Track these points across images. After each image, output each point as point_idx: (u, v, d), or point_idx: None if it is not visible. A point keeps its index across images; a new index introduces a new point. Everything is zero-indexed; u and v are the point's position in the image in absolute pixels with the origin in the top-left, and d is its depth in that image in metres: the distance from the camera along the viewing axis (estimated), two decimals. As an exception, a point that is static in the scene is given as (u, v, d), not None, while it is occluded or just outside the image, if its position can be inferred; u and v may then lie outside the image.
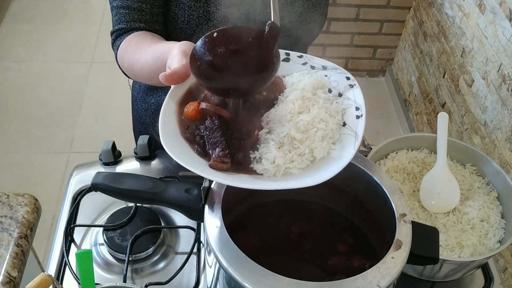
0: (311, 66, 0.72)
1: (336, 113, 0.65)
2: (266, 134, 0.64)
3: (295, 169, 0.61)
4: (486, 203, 0.89)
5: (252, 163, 0.62)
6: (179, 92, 0.68)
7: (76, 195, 0.96)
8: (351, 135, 0.63)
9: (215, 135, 0.62)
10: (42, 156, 2.33)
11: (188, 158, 0.61)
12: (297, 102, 0.65)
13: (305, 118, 0.63)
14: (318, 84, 0.68)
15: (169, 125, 0.64)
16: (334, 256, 0.74)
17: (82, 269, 0.66)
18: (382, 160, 0.95)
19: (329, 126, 0.63)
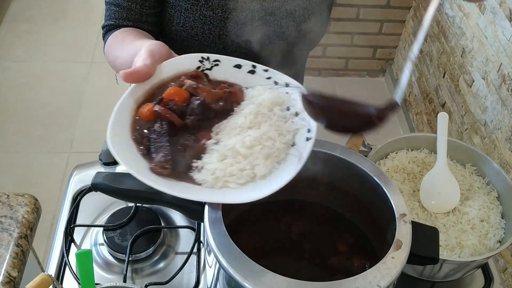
0: (275, 81, 0.72)
1: (287, 132, 0.65)
2: (213, 144, 0.63)
3: (233, 183, 0.60)
4: (486, 203, 0.89)
5: (193, 172, 0.62)
6: (140, 91, 0.67)
7: (76, 195, 0.96)
8: (296, 157, 0.63)
9: (161, 140, 0.62)
10: (42, 156, 2.33)
11: (130, 159, 0.61)
12: (249, 116, 0.65)
13: (253, 133, 0.63)
14: (277, 101, 0.68)
15: (121, 121, 0.64)
16: (334, 256, 0.74)
17: (82, 269, 0.66)
18: (382, 160, 0.95)
19: (276, 144, 0.63)
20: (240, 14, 0.89)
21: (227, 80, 0.72)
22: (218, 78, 0.72)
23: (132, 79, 0.66)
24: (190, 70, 0.71)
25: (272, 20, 0.91)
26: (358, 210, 0.76)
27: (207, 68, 0.72)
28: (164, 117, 0.64)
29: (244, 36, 0.92)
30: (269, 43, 0.94)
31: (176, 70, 0.70)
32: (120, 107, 0.65)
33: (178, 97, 0.66)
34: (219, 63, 0.73)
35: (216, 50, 0.92)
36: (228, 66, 0.73)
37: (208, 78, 0.72)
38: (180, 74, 0.70)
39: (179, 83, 0.68)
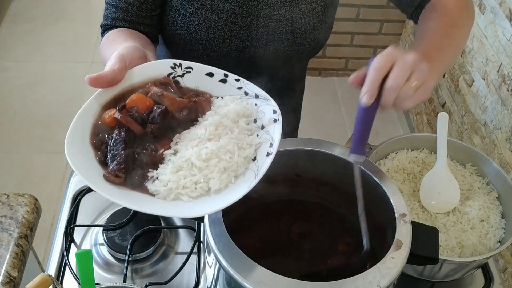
0: (245, 92, 0.70)
1: (248, 146, 0.63)
2: (170, 155, 0.62)
3: (186, 196, 0.59)
4: (486, 203, 0.89)
5: (148, 181, 0.61)
6: (107, 96, 0.66)
7: (76, 195, 0.96)
8: (254, 172, 0.61)
9: (117, 148, 0.61)
10: (42, 156, 2.33)
11: (85, 165, 0.60)
12: (210, 128, 0.63)
13: (210, 146, 0.61)
14: (244, 112, 0.66)
15: (82, 126, 0.63)
16: (334, 256, 0.74)
17: (82, 269, 0.66)
18: (382, 160, 0.95)
19: (234, 158, 0.61)
20: (246, 19, 0.89)
21: (198, 88, 0.71)
22: (189, 85, 0.71)
23: (97, 84, 0.65)
24: (161, 75, 0.70)
25: (276, 26, 0.91)
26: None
27: (178, 75, 0.71)
28: (124, 124, 0.63)
29: (249, 41, 0.92)
30: (273, 48, 0.94)
31: (148, 75, 0.69)
32: (83, 111, 0.64)
33: (141, 104, 0.65)
34: (191, 70, 0.71)
35: (220, 54, 0.92)
36: (200, 74, 0.71)
37: (179, 86, 0.71)
38: (150, 80, 0.69)
39: (146, 90, 0.67)
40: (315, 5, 0.92)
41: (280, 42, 0.93)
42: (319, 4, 0.93)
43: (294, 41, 0.94)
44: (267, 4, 0.89)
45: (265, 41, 0.93)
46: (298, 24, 0.92)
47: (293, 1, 0.90)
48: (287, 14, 0.91)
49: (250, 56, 0.94)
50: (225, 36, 0.90)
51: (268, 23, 0.91)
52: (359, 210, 0.66)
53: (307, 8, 0.91)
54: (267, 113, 0.67)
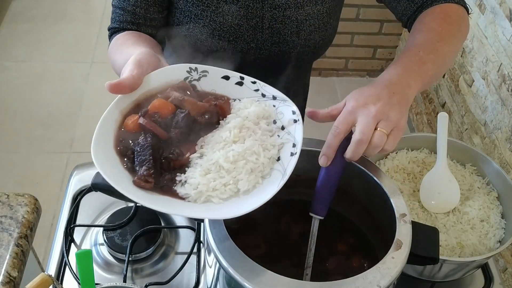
0: (262, 93, 0.71)
1: (272, 147, 0.64)
2: (197, 158, 0.63)
3: (216, 198, 0.60)
4: (486, 203, 0.89)
5: (177, 185, 0.61)
6: (126, 102, 0.67)
7: (76, 195, 0.96)
8: (280, 172, 0.62)
9: (145, 153, 0.62)
10: (42, 156, 2.33)
11: (114, 172, 0.60)
12: (234, 130, 0.64)
13: (237, 148, 0.62)
14: (263, 114, 0.67)
15: (105, 134, 0.63)
16: (334, 256, 0.74)
17: (82, 269, 0.66)
18: (382, 160, 0.95)
19: (260, 159, 0.62)
20: (251, 21, 0.89)
21: (215, 91, 0.71)
22: (205, 89, 0.71)
23: (117, 90, 0.66)
24: (178, 80, 0.70)
25: (282, 28, 0.91)
26: (358, 210, 0.76)
27: (194, 79, 0.71)
28: (148, 129, 0.63)
29: (254, 43, 0.92)
30: (278, 50, 0.94)
31: (164, 80, 0.70)
32: (105, 118, 0.64)
33: (164, 110, 0.65)
34: (207, 74, 0.72)
35: (225, 56, 0.92)
36: (216, 77, 0.72)
37: (196, 89, 0.71)
38: (167, 85, 0.69)
39: (165, 95, 0.67)
40: (320, 7, 0.92)
41: (285, 44, 0.93)
42: (324, 6, 0.93)
43: (299, 43, 0.94)
44: (272, 6, 0.89)
45: (270, 43, 0.93)
46: (303, 26, 0.92)
47: (298, 3, 0.90)
48: (292, 16, 0.91)
49: (255, 58, 0.94)
50: (230, 38, 0.90)
51: (273, 25, 0.91)
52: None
53: (312, 10, 0.91)
54: (286, 114, 0.68)
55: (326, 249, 0.73)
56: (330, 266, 0.73)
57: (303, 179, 0.77)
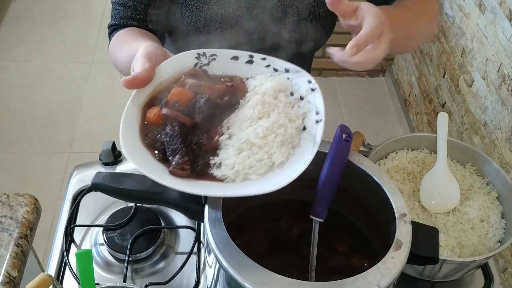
0: (274, 68, 0.72)
1: (296, 117, 0.66)
2: (226, 139, 0.64)
3: (253, 174, 0.61)
4: (486, 203, 0.89)
5: (212, 169, 0.62)
6: (142, 96, 0.67)
7: (76, 195, 0.96)
8: (309, 140, 0.63)
9: (175, 142, 0.62)
10: (42, 156, 2.33)
11: (149, 165, 0.61)
12: (257, 107, 0.65)
13: (264, 123, 0.63)
14: (280, 88, 0.68)
15: (130, 131, 0.64)
16: (334, 256, 0.74)
17: (82, 269, 0.66)
18: (382, 160, 0.95)
19: (288, 131, 0.64)
20: (252, 11, 0.89)
21: (226, 73, 0.72)
22: (216, 72, 0.72)
23: (134, 85, 0.66)
24: (188, 67, 0.71)
25: (284, 18, 0.91)
26: (358, 210, 0.76)
27: (204, 64, 0.72)
28: (173, 118, 0.64)
29: (256, 34, 0.92)
30: (281, 41, 0.94)
31: (174, 70, 0.70)
32: (126, 117, 0.64)
33: (183, 97, 0.66)
34: (216, 57, 0.73)
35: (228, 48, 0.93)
36: (225, 59, 0.72)
37: (207, 74, 0.72)
38: (178, 74, 0.70)
39: (181, 83, 0.68)
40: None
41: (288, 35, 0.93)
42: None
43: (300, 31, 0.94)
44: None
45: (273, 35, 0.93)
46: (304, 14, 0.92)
47: None
48: (293, 5, 0.91)
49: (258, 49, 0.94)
50: (232, 30, 0.90)
51: (275, 14, 0.91)
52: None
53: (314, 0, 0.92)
54: (302, 85, 0.69)
55: (326, 249, 0.73)
56: (330, 266, 0.73)
57: (303, 179, 0.77)
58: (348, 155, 0.70)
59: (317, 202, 0.69)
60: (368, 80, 2.84)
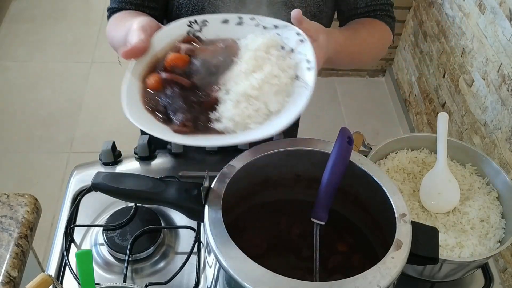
0: (263, 26, 0.75)
1: (288, 68, 0.69)
2: (224, 95, 0.67)
3: (253, 123, 0.64)
4: (486, 203, 0.89)
5: (213, 123, 0.65)
6: (140, 67, 0.70)
7: (76, 195, 0.96)
8: (303, 87, 0.66)
9: (176, 102, 0.66)
10: (42, 156, 2.33)
11: (153, 127, 0.64)
12: (250, 61, 0.68)
13: (258, 75, 0.66)
14: (271, 43, 0.71)
15: (132, 99, 0.67)
16: (334, 256, 0.74)
17: (82, 269, 0.66)
18: (382, 160, 0.95)
19: (282, 80, 0.67)
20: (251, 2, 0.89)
21: (219, 37, 0.75)
22: (209, 37, 0.76)
23: (133, 55, 0.69)
24: (181, 36, 0.75)
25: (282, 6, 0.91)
26: (358, 210, 0.76)
27: (197, 30, 0.76)
28: (172, 81, 0.67)
29: None
30: None
31: (168, 39, 0.74)
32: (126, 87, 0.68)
33: (179, 61, 0.70)
34: (207, 23, 0.76)
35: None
36: (217, 23, 0.76)
37: (201, 40, 0.75)
38: (173, 43, 0.73)
39: (175, 49, 0.72)
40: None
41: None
42: None
43: None
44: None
45: None
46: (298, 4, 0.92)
47: None
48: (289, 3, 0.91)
49: None
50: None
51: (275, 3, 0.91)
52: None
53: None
54: (291, 38, 0.72)
55: (326, 249, 0.73)
56: (330, 266, 0.73)
57: (303, 179, 0.77)
58: (349, 158, 0.70)
59: (318, 205, 0.69)
60: (368, 80, 2.84)
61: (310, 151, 0.73)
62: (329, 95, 2.72)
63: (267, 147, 0.72)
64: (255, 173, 0.73)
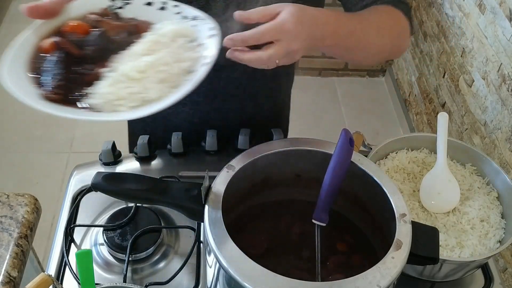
0: (183, 16, 0.72)
1: (187, 60, 0.66)
2: (108, 72, 0.64)
3: (124, 106, 0.61)
4: (486, 203, 0.89)
5: (85, 97, 0.62)
6: (46, 29, 0.68)
7: (76, 195, 0.96)
8: (190, 81, 0.64)
9: (58, 68, 0.64)
10: (42, 156, 2.33)
11: (25, 90, 0.62)
12: (148, 44, 0.66)
13: (148, 59, 0.64)
14: (181, 32, 0.69)
15: (17, 53, 0.65)
16: (334, 256, 0.74)
17: (82, 269, 0.66)
18: (382, 160, 0.95)
19: (173, 70, 0.64)
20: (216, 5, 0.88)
21: (138, 18, 0.73)
22: (128, 16, 0.73)
23: (34, 14, 0.65)
24: (100, 9, 0.72)
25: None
26: (358, 210, 0.76)
27: (117, 7, 0.73)
28: (62, 47, 0.65)
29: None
30: None
31: (86, 9, 0.71)
32: (20, 42, 0.66)
33: (79, 30, 0.67)
34: (131, 1, 0.74)
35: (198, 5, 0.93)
36: (140, 4, 0.74)
37: (118, 17, 0.73)
38: (89, 13, 0.71)
39: (83, 19, 0.70)
40: None
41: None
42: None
43: None
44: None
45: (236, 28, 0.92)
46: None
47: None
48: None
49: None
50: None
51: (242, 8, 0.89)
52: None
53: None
54: (204, 31, 0.69)
55: (326, 249, 0.73)
56: (329, 266, 0.73)
57: (303, 179, 0.77)
58: (350, 159, 0.70)
59: (320, 207, 0.69)
60: (368, 80, 2.84)
61: (310, 151, 0.73)
62: (329, 95, 2.72)
63: (267, 147, 0.72)
64: (255, 173, 0.73)
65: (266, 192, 0.78)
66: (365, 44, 0.79)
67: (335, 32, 0.72)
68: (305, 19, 0.67)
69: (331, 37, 0.72)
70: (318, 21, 0.70)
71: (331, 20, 0.72)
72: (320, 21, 0.70)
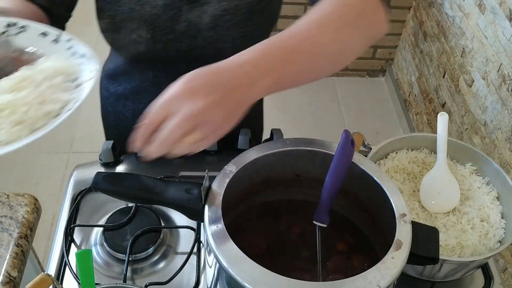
0: (73, 52, 0.69)
1: (54, 102, 0.61)
2: None
3: None
4: (486, 203, 0.89)
5: None
6: None
7: (76, 195, 0.96)
8: (46, 127, 0.60)
9: None
10: (42, 156, 2.33)
11: None
12: (14, 80, 0.61)
13: (8, 96, 0.59)
14: (63, 70, 0.66)
15: None
16: (334, 256, 0.74)
17: (82, 269, 0.66)
18: (382, 160, 0.95)
19: (30, 113, 0.59)
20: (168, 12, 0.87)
21: (29, 48, 0.69)
22: (22, 45, 0.69)
23: None
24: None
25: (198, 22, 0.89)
26: (358, 210, 0.76)
27: (12, 34, 0.70)
28: None
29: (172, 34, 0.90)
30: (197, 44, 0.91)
31: None
32: None
33: None
34: (26, 29, 0.70)
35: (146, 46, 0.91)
36: (35, 33, 0.70)
37: (9, 44, 0.69)
38: None
39: None
40: (238, 2, 0.88)
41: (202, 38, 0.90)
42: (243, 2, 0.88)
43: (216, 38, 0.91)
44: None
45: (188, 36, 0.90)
46: (220, 21, 0.89)
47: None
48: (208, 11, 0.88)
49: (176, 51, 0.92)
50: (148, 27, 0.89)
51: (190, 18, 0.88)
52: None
53: (229, 5, 0.88)
54: (86, 72, 0.66)
55: (326, 249, 0.73)
56: (329, 266, 0.73)
57: (303, 179, 0.77)
58: (351, 160, 0.70)
59: (321, 208, 0.69)
60: (368, 80, 2.84)
61: (310, 151, 0.73)
62: (329, 95, 2.72)
63: (267, 147, 0.72)
64: (255, 173, 0.73)
65: (266, 192, 0.78)
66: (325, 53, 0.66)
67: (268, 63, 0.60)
68: (200, 75, 0.58)
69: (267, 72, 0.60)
70: (223, 69, 0.59)
71: (253, 57, 0.60)
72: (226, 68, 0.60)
